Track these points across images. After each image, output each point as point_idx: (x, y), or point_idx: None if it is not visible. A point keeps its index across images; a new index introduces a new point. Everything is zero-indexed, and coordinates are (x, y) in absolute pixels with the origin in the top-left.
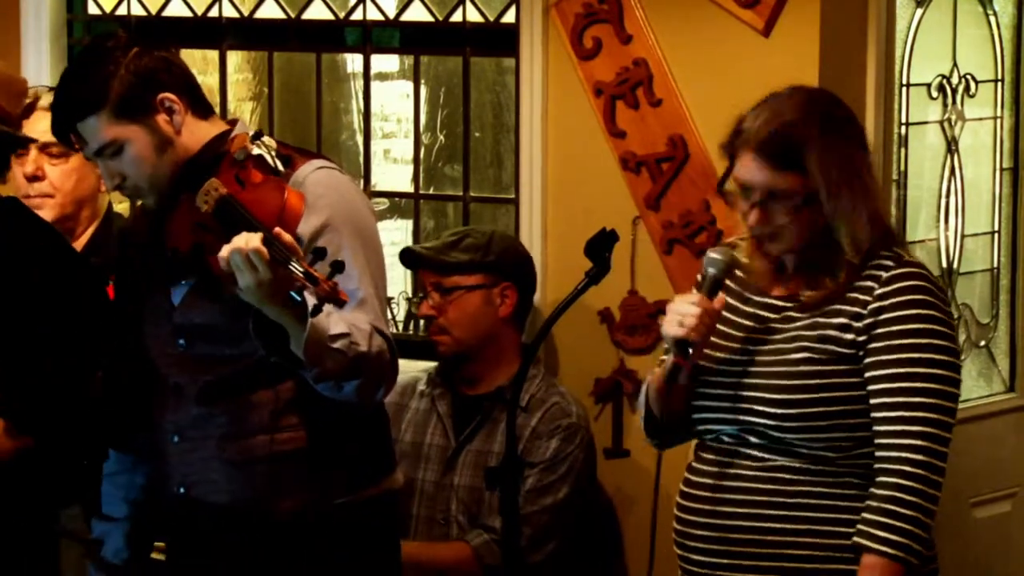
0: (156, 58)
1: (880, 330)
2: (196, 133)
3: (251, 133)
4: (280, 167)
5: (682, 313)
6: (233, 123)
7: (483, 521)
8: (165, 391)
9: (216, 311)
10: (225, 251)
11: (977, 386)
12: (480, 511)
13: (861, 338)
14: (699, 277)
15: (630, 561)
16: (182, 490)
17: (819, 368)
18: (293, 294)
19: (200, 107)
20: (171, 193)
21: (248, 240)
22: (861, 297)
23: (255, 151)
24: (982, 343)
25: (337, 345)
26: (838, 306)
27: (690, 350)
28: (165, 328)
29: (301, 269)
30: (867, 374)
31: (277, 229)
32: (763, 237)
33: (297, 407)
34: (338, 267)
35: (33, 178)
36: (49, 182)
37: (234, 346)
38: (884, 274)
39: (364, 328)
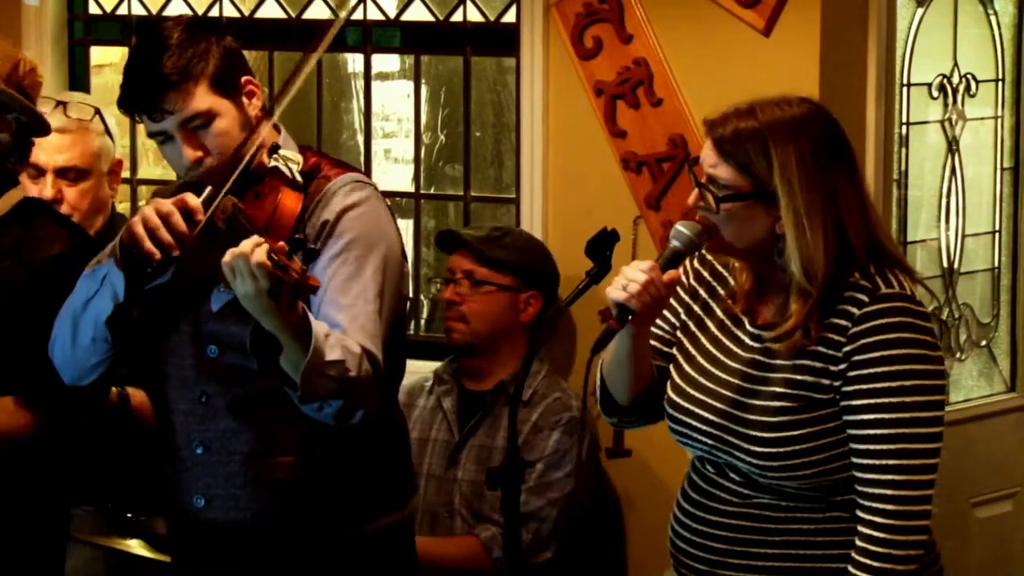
0: (234, 41)
1: (852, 374)
2: (264, 127)
3: (268, 147)
4: (297, 178)
5: (628, 278)
6: (278, 129)
7: (490, 515)
8: (190, 399)
9: (250, 327)
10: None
11: (978, 386)
12: (482, 505)
13: (837, 383)
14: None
15: (632, 560)
16: (201, 502)
17: (797, 417)
18: (271, 289)
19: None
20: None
21: (242, 247)
22: (835, 338)
23: (271, 164)
24: (983, 343)
25: (331, 372)
26: (813, 347)
27: (628, 317)
28: (199, 330)
29: (275, 259)
30: (844, 417)
31: (258, 240)
32: (705, 232)
33: (325, 431)
34: (309, 255)
35: (52, 201)
36: (68, 204)
37: (265, 364)
38: (856, 311)
39: (355, 351)
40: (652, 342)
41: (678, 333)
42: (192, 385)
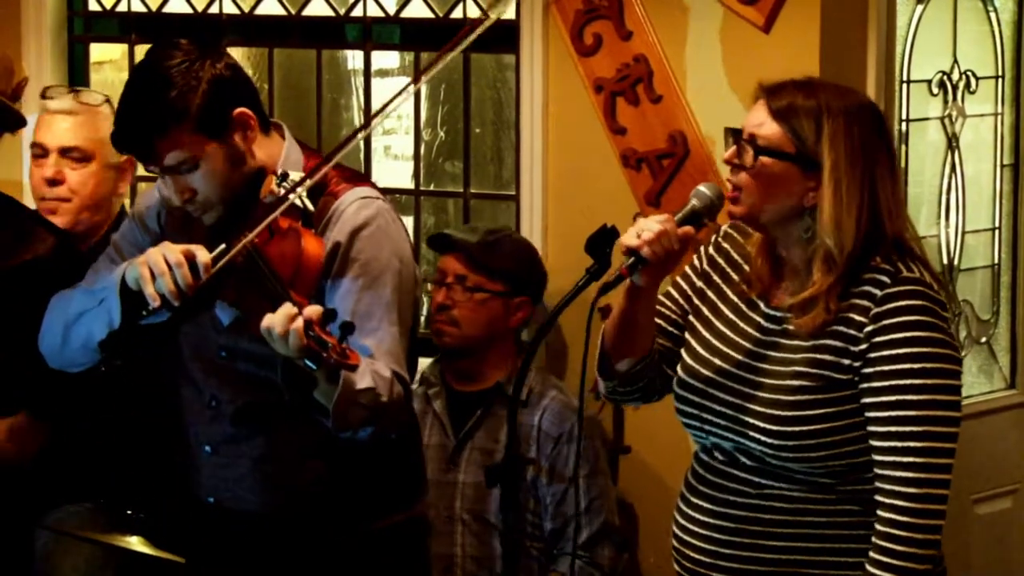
0: (228, 67)
1: (873, 355)
2: (264, 148)
3: (278, 173)
4: (309, 206)
5: (642, 227)
6: (281, 130)
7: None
8: (200, 401)
9: (261, 343)
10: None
11: (978, 383)
12: (486, 508)
13: (857, 363)
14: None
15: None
16: (211, 499)
17: (815, 397)
18: (307, 361)
19: (263, 121)
20: (231, 216)
21: (277, 320)
22: (856, 318)
23: (280, 192)
24: (983, 339)
25: (363, 400)
26: (834, 327)
27: (639, 266)
28: (209, 335)
29: (314, 335)
30: (863, 400)
31: (305, 309)
32: (732, 196)
33: (333, 436)
34: (348, 328)
35: (53, 182)
36: (68, 187)
37: (276, 373)
38: (879, 292)
39: (386, 376)
40: (658, 320)
41: (690, 318)
42: (203, 388)
